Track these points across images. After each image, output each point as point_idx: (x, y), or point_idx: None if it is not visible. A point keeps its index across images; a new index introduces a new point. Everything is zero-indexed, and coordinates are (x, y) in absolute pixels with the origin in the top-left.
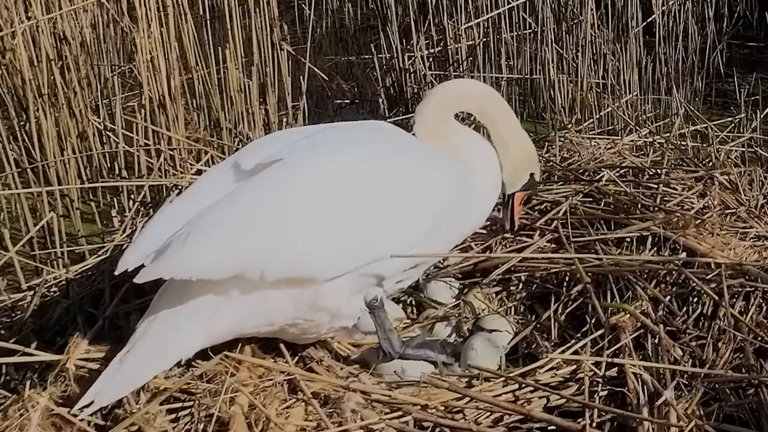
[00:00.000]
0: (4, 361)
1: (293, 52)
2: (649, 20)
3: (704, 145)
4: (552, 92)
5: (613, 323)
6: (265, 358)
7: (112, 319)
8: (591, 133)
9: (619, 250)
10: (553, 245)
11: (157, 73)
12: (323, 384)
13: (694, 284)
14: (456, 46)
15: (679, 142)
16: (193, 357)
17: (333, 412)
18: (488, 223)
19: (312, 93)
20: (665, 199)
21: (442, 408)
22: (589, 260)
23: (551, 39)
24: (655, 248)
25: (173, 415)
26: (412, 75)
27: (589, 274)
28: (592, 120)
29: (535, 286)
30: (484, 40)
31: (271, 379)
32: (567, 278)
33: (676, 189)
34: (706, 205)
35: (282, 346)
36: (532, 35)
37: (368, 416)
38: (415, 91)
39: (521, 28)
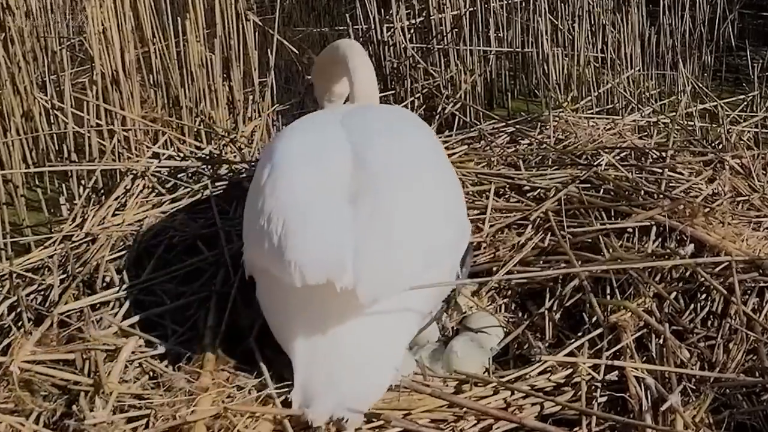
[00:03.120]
0: None
1: (260, 23)
2: None
3: (714, 125)
4: (546, 67)
5: (613, 322)
6: (229, 363)
7: (61, 318)
8: (589, 112)
9: (620, 242)
10: (549, 238)
11: (109, 46)
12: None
13: (703, 279)
14: (440, 16)
15: (685, 122)
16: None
17: (305, 419)
18: None
19: (281, 68)
20: (671, 185)
21: (425, 416)
22: (587, 256)
23: (545, 8)
24: (660, 239)
25: (130, 425)
26: (392, 48)
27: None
28: (590, 98)
29: (527, 281)
30: (471, 9)
31: (237, 385)
32: None
33: (682, 174)
34: (715, 191)
35: (253, 347)
36: (523, 4)
37: (343, 425)
38: (395, 65)
39: None
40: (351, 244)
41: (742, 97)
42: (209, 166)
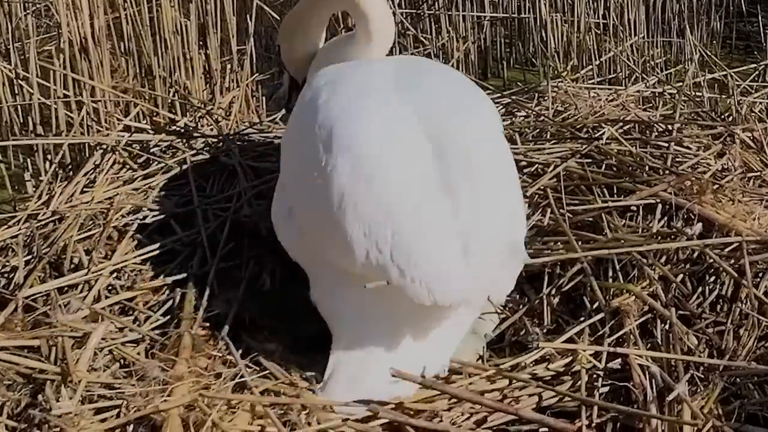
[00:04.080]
0: None
1: None
2: None
3: (723, 96)
4: (544, 34)
5: (616, 306)
6: (206, 350)
7: (26, 302)
8: (590, 82)
9: (624, 221)
10: (548, 216)
11: (78, 11)
12: (275, 381)
13: (711, 260)
14: None
15: (693, 93)
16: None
17: (286, 411)
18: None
19: (260, 35)
20: (677, 160)
21: (415, 407)
22: (587, 236)
23: None
24: (666, 218)
25: (100, 416)
26: None
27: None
28: (590, 67)
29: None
30: None
31: (214, 374)
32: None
33: (689, 148)
34: (725, 166)
35: (232, 334)
36: None
37: (326, 417)
38: None
39: None
40: (468, 259)
41: (753, 66)
42: (184, 140)
